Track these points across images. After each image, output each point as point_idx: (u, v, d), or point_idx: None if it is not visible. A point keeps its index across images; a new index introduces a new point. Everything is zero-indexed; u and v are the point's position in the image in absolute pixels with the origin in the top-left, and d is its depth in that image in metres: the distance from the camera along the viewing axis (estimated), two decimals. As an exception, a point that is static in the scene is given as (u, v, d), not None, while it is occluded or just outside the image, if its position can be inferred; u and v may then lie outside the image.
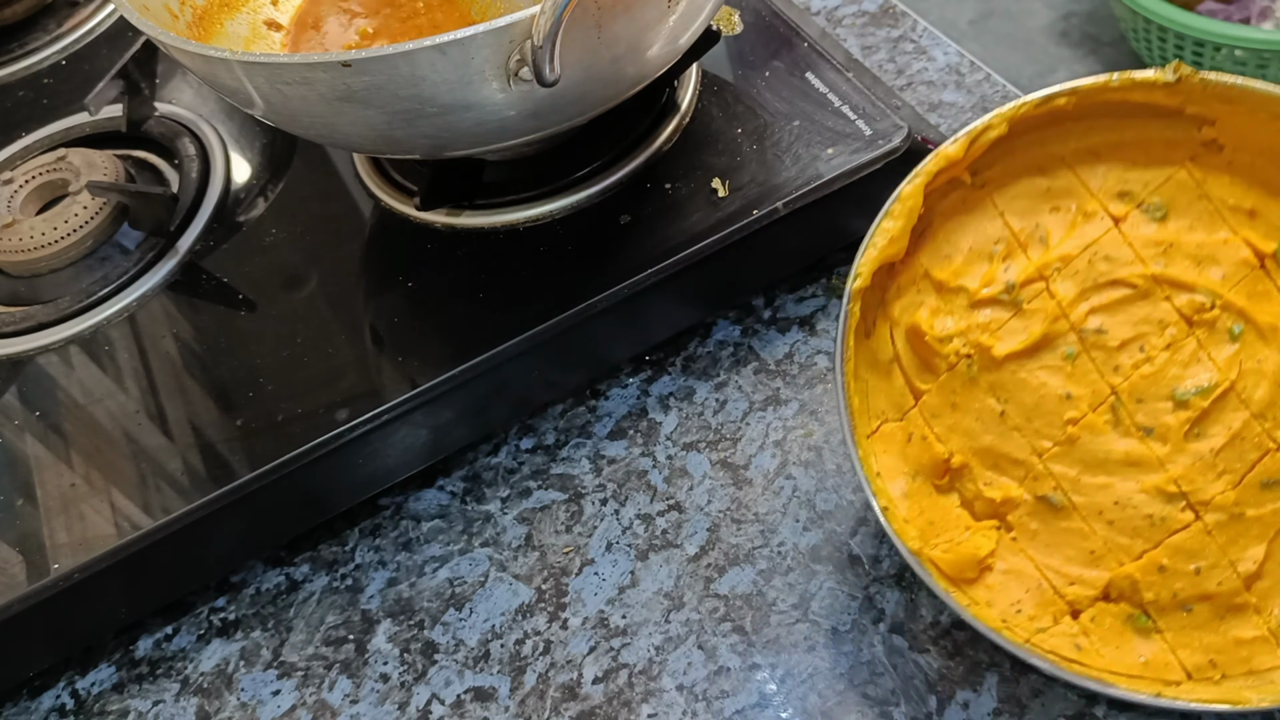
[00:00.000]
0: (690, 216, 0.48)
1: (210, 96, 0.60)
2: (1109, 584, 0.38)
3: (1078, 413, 0.38)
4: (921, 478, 0.40)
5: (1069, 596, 0.38)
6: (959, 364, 0.40)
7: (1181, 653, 0.37)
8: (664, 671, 0.41)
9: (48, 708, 0.44)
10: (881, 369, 0.41)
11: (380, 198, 0.52)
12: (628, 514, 0.46)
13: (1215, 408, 0.37)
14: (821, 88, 0.52)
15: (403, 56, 0.37)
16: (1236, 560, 0.37)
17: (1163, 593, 0.37)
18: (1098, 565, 0.38)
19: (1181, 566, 0.37)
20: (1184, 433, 0.38)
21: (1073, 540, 0.38)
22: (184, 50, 0.40)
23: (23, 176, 0.55)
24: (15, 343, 0.50)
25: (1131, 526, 0.38)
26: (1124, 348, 0.39)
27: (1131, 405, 0.38)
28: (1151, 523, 0.37)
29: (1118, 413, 0.38)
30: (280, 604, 0.46)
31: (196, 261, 0.52)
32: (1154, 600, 0.37)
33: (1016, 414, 0.39)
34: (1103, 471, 0.38)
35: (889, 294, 0.41)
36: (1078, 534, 0.38)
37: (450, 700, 0.42)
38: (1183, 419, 0.38)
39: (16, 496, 0.45)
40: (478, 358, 0.45)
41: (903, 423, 0.40)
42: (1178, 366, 0.38)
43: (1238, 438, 0.37)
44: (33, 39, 0.70)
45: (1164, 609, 0.37)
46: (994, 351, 0.39)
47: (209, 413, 0.46)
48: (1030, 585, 0.38)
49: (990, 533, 0.39)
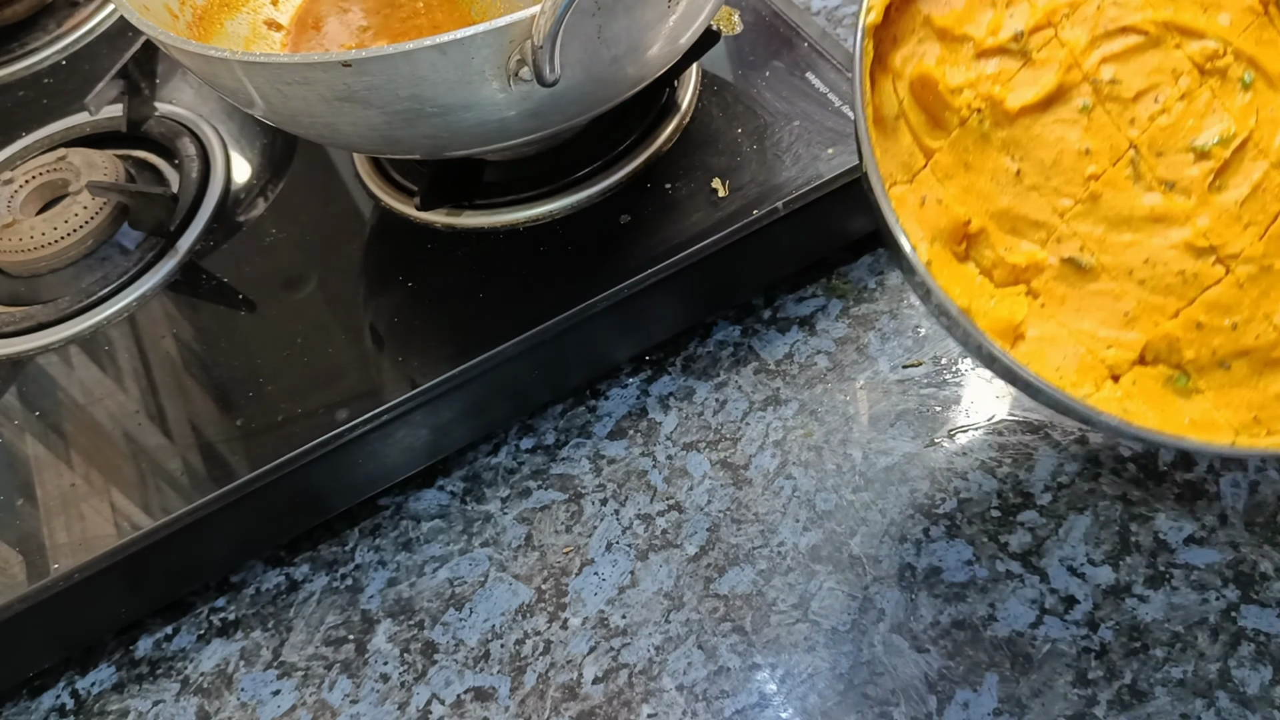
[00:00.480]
0: (690, 216, 0.48)
1: (210, 96, 0.60)
2: (1146, 346, 0.37)
3: (1098, 168, 0.37)
4: (940, 244, 0.37)
5: (1108, 361, 0.37)
6: (970, 119, 0.38)
7: (1224, 412, 0.36)
8: (664, 671, 0.41)
9: (48, 708, 0.44)
10: (886, 127, 0.38)
11: (380, 198, 0.53)
12: (628, 514, 0.46)
13: (1235, 158, 0.37)
14: (821, 87, 0.52)
15: (403, 56, 0.37)
16: (1271, 313, 0.36)
17: (1202, 350, 0.36)
18: (1133, 327, 0.37)
19: (1218, 322, 0.36)
20: (1207, 184, 0.37)
21: (1104, 303, 0.37)
22: (184, 50, 0.40)
23: (23, 176, 0.55)
24: (15, 343, 0.50)
25: (1164, 284, 0.37)
26: (1139, 99, 0.37)
27: (1151, 159, 0.37)
28: (1184, 279, 0.37)
29: (1138, 167, 0.37)
30: (280, 604, 0.46)
31: (196, 261, 0.52)
32: (1194, 359, 0.36)
33: (1033, 172, 0.37)
34: (1129, 229, 0.37)
35: (884, 46, 0.38)
36: (1109, 296, 0.37)
37: (450, 700, 0.42)
38: (1205, 170, 0.37)
39: (16, 496, 0.45)
40: (478, 358, 0.45)
41: (913, 185, 0.38)
42: (1194, 117, 0.37)
43: (1259, 189, 0.37)
44: (33, 39, 0.70)
45: (1203, 368, 0.37)
46: (1007, 104, 0.37)
47: (209, 413, 0.46)
48: (1067, 351, 0.37)
49: (1020, 298, 0.37)
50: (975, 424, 0.46)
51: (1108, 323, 0.37)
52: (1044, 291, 0.37)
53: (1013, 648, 0.40)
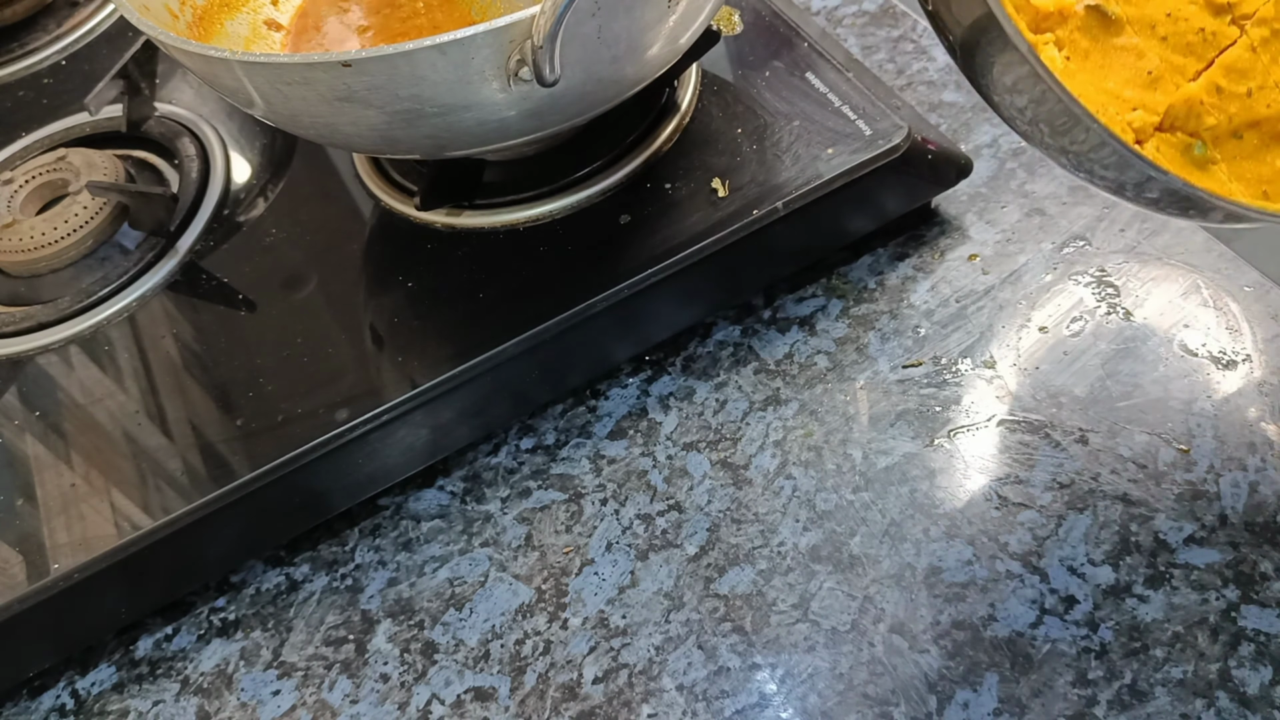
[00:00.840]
0: (690, 216, 0.48)
1: (210, 96, 0.60)
2: (1168, 110, 0.37)
3: None
4: None
5: (1135, 124, 0.37)
6: None
7: (1236, 185, 0.37)
8: (664, 671, 0.41)
9: (48, 708, 0.44)
10: None
11: (380, 198, 0.53)
12: (628, 514, 0.46)
13: None
14: (821, 88, 0.52)
15: (403, 56, 0.37)
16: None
17: (1220, 117, 0.36)
18: (1156, 88, 0.37)
19: (1236, 87, 0.36)
20: None
21: (1128, 60, 0.37)
22: (184, 50, 0.40)
23: (23, 176, 0.55)
24: (15, 343, 0.50)
25: (1184, 43, 0.37)
26: None
27: None
28: (1203, 38, 0.37)
29: None
30: (280, 604, 0.46)
31: (196, 261, 0.52)
32: (1213, 126, 0.37)
33: None
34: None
35: None
36: (1132, 53, 0.37)
37: (450, 700, 0.42)
38: None
39: (16, 496, 0.45)
40: (478, 358, 0.45)
41: None
42: None
43: None
44: (33, 39, 0.70)
45: (1219, 137, 0.37)
46: None
47: (209, 413, 0.46)
48: (1095, 110, 0.36)
49: (1049, 49, 0.37)
50: (975, 424, 0.46)
51: (1132, 82, 0.37)
52: (1069, 43, 0.37)
53: (1013, 648, 0.40)
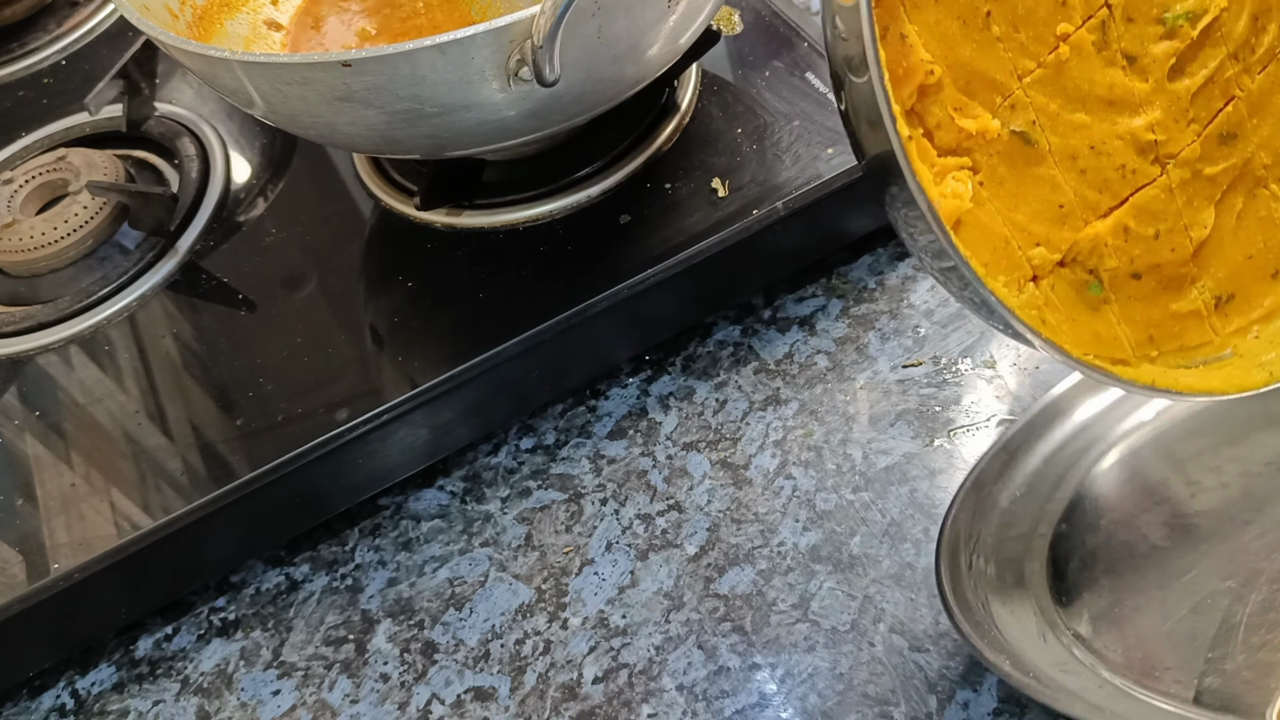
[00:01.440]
0: (690, 216, 0.48)
1: (210, 96, 0.60)
2: (1073, 245, 0.36)
3: (1070, 25, 0.36)
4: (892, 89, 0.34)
5: (1035, 260, 0.36)
6: None
7: (1124, 327, 0.37)
8: (664, 671, 0.41)
9: (48, 708, 0.44)
10: None
11: (380, 198, 0.53)
12: (628, 514, 0.46)
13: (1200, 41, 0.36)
14: (821, 88, 0.52)
15: (403, 56, 0.37)
16: (1191, 225, 0.37)
17: (1123, 259, 0.37)
18: (1065, 223, 0.37)
19: (1144, 229, 0.37)
20: (1167, 68, 0.36)
21: (1042, 192, 0.37)
22: (184, 50, 0.40)
23: (23, 176, 0.55)
24: (15, 343, 0.50)
25: (1103, 178, 0.37)
26: None
27: (1122, 24, 0.36)
28: (1122, 175, 0.37)
29: (1107, 32, 0.36)
30: (280, 604, 0.46)
31: (196, 261, 0.52)
32: (1114, 268, 0.37)
33: (1004, 19, 0.35)
34: (1083, 109, 0.36)
35: None
36: (1048, 184, 0.36)
37: (450, 700, 0.42)
38: (1168, 50, 0.36)
39: (16, 496, 0.45)
40: (478, 358, 0.45)
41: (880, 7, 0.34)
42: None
43: (1211, 81, 0.37)
44: (33, 39, 0.70)
45: (1118, 279, 0.37)
46: None
47: (209, 413, 0.46)
48: (997, 244, 0.36)
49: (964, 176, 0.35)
50: (975, 424, 0.46)
51: (1041, 216, 0.36)
52: (986, 169, 0.36)
53: (1013, 648, 0.40)
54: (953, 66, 0.35)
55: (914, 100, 0.35)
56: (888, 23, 0.34)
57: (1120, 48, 0.36)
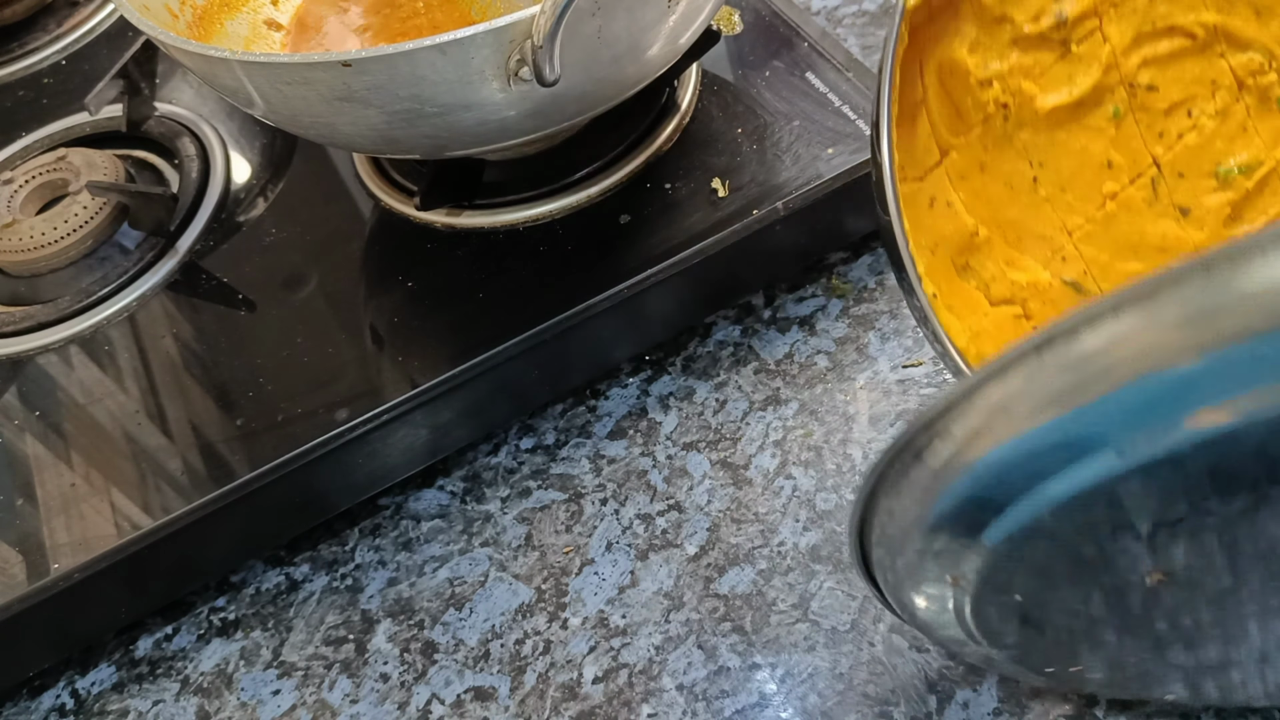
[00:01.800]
0: (690, 216, 0.48)
1: (210, 96, 0.60)
2: None
3: (1117, 185, 0.35)
4: (941, 253, 0.35)
5: None
6: (995, 115, 0.35)
7: None
8: (664, 671, 0.41)
9: (48, 708, 0.44)
10: (905, 114, 0.35)
11: (380, 198, 0.53)
12: (628, 514, 0.46)
13: (1257, 190, 0.35)
14: (821, 87, 0.52)
15: (403, 56, 0.37)
16: None
17: None
18: None
19: None
20: (1223, 218, 0.35)
21: None
22: (184, 50, 0.40)
23: (23, 176, 0.55)
24: (15, 343, 0.50)
25: None
26: (1172, 112, 0.35)
27: (1172, 180, 0.35)
28: None
29: (1157, 188, 0.35)
30: (280, 604, 0.46)
31: (196, 261, 0.52)
32: None
33: (1050, 181, 0.35)
34: (1135, 257, 0.35)
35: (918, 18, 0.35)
36: None
37: (450, 700, 0.42)
38: (1223, 201, 0.35)
39: (16, 496, 0.45)
40: (478, 358, 0.45)
41: (924, 183, 0.35)
42: (1223, 140, 0.35)
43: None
44: (33, 39, 0.69)
45: None
46: (1037, 103, 0.35)
47: (209, 413, 0.46)
48: None
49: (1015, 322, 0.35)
50: (975, 424, 0.46)
51: None
52: (1038, 317, 0.36)
53: (1013, 648, 0.40)
54: (1001, 225, 0.35)
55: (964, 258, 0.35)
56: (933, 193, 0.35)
57: (1172, 201, 0.35)
